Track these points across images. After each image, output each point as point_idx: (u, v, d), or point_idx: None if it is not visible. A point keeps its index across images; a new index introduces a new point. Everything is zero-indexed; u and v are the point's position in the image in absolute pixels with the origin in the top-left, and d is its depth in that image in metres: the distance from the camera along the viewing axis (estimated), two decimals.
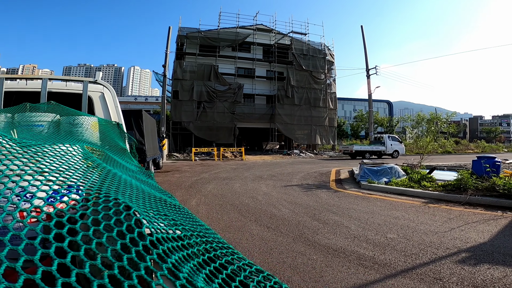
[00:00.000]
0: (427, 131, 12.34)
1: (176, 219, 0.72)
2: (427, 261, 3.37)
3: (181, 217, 0.80)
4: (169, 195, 1.24)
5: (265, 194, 7.68)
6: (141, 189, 0.94)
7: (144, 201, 0.78)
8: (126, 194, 0.75)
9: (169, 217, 0.72)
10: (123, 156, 2.27)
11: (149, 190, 1.00)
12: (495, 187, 6.71)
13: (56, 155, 0.82)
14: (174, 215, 0.77)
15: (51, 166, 0.80)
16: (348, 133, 51.62)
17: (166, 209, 0.81)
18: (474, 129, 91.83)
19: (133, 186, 0.90)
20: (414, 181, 8.38)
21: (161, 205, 0.83)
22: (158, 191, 1.24)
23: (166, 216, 0.72)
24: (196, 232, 0.70)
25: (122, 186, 0.84)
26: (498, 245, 3.86)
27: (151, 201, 0.82)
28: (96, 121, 2.77)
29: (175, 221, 0.71)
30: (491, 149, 42.40)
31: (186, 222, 0.75)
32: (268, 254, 3.64)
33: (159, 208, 0.79)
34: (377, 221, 5.13)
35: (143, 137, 9.61)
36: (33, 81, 3.92)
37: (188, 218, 0.82)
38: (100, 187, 0.74)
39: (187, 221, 0.78)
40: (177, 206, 0.90)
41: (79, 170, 0.86)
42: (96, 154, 1.65)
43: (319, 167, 15.47)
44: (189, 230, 0.68)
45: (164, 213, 0.75)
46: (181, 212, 0.86)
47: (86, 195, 0.67)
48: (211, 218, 5.38)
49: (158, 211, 0.75)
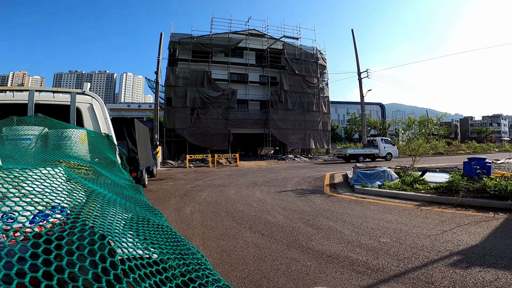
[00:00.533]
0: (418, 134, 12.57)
1: (155, 242, 0.73)
2: (419, 265, 3.40)
3: (162, 237, 0.80)
4: (156, 212, 1.24)
5: (259, 201, 7.67)
6: (125, 208, 0.94)
7: (125, 224, 0.79)
8: (107, 217, 0.76)
9: (148, 240, 0.73)
10: (113, 169, 2.26)
11: (133, 209, 1.00)
12: (486, 188, 6.80)
13: (37, 179, 0.82)
14: (155, 237, 0.78)
15: (34, 191, 0.80)
16: (342, 136, 52.03)
17: (148, 231, 0.81)
18: (465, 129, 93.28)
19: (116, 206, 0.91)
20: (407, 184, 8.46)
21: (143, 227, 0.83)
22: (145, 207, 1.24)
23: (145, 239, 0.73)
24: (174, 254, 0.71)
25: (103, 209, 0.84)
26: (489, 247, 3.91)
27: (132, 223, 0.83)
28: (85, 133, 2.76)
29: (153, 243, 0.71)
30: (482, 150, 43.09)
31: (166, 244, 0.76)
32: (262, 261, 3.64)
33: (139, 230, 0.79)
34: (370, 225, 5.16)
35: (135, 146, 9.56)
36: (21, 93, 3.88)
37: (170, 237, 0.83)
38: (80, 212, 0.75)
39: (168, 241, 0.79)
40: (160, 226, 0.90)
41: (61, 193, 0.87)
42: (84, 170, 1.64)
43: (314, 172, 15.52)
44: (167, 254, 0.69)
45: (144, 235, 0.75)
46: (164, 231, 0.86)
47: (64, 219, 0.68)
48: (205, 226, 5.35)
49: (137, 234, 0.75)
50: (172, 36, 29.64)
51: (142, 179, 10.27)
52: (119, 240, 0.64)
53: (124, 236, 0.69)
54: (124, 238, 0.67)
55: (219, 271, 3.40)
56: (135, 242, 0.69)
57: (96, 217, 0.72)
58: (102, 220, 0.71)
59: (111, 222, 0.74)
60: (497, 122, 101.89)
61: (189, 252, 0.81)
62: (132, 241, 0.68)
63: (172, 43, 29.57)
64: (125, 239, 0.67)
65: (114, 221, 0.76)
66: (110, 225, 0.71)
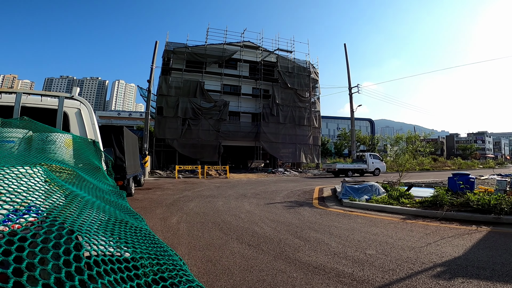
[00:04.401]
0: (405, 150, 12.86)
1: (129, 242, 0.73)
2: (403, 277, 3.42)
3: (139, 239, 0.80)
4: (137, 216, 1.24)
5: (248, 212, 7.61)
6: (103, 211, 0.94)
7: (100, 224, 0.78)
8: (81, 217, 0.75)
9: (122, 240, 0.73)
10: (96, 175, 2.23)
11: (112, 212, 0.99)
12: (469, 202, 6.95)
13: (13, 177, 0.82)
14: (130, 238, 0.78)
15: (8, 188, 0.80)
16: (332, 151, 52.50)
17: (124, 231, 0.81)
18: (450, 146, 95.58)
19: (94, 208, 0.90)
20: (393, 198, 8.57)
21: (119, 228, 0.83)
22: (126, 212, 1.23)
23: (119, 238, 0.73)
24: (148, 254, 0.71)
25: (79, 208, 0.84)
26: (471, 259, 3.97)
27: (108, 224, 0.83)
28: (70, 138, 2.72)
29: (127, 243, 0.71)
30: (467, 166, 44.16)
31: (141, 245, 0.76)
32: (248, 272, 3.59)
33: (115, 230, 0.79)
34: (357, 237, 5.18)
35: (123, 154, 9.43)
36: (8, 95, 3.83)
37: (147, 240, 0.83)
38: (53, 210, 0.75)
39: (144, 242, 0.79)
40: (138, 228, 0.90)
41: (37, 191, 0.86)
42: (65, 173, 1.62)
43: (303, 185, 15.56)
44: (141, 253, 0.69)
45: (119, 235, 0.75)
46: (141, 234, 0.86)
47: (36, 219, 0.68)
48: (191, 236, 5.27)
49: (112, 233, 0.75)
50: (167, 45, 29.63)
51: (129, 188, 10.08)
52: (89, 236, 0.65)
53: (96, 234, 0.69)
54: (95, 236, 0.67)
55: (204, 281, 3.34)
56: (107, 241, 0.69)
57: (68, 216, 0.72)
58: (75, 219, 0.71)
59: (84, 221, 0.73)
60: (481, 139, 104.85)
61: (165, 254, 0.81)
62: (105, 240, 0.68)
63: (167, 52, 29.59)
64: (97, 237, 0.67)
65: (88, 220, 0.76)
66: (83, 223, 0.71)
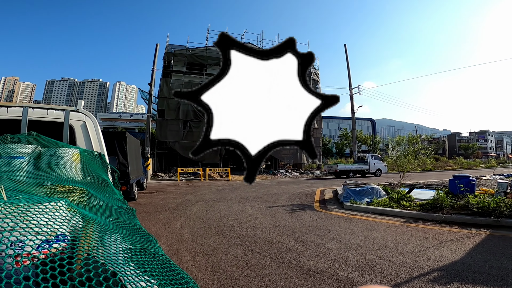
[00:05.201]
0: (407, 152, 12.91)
1: (154, 273, 0.82)
2: (401, 281, 3.51)
3: (159, 267, 0.90)
4: (150, 238, 1.33)
5: (250, 216, 7.71)
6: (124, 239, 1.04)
7: (127, 257, 0.88)
8: (110, 251, 0.85)
9: (148, 272, 0.82)
10: (105, 189, 2.34)
11: (130, 238, 1.09)
12: (469, 205, 7.02)
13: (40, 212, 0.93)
14: (153, 267, 0.87)
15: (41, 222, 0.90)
16: (333, 151, 52.48)
17: (146, 261, 0.91)
18: (452, 145, 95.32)
19: (116, 236, 1.00)
20: (394, 201, 8.65)
21: (142, 257, 0.93)
22: (139, 233, 1.33)
23: (145, 271, 0.82)
24: (171, 285, 0.80)
25: (104, 239, 0.94)
26: (469, 263, 4.06)
27: (133, 255, 0.92)
28: (78, 152, 2.83)
29: (152, 276, 0.81)
30: (469, 166, 44.03)
31: (163, 275, 0.85)
32: (251, 278, 3.70)
33: (139, 262, 0.88)
34: (357, 242, 5.27)
35: (126, 160, 9.55)
36: (14, 109, 3.92)
37: (165, 267, 0.92)
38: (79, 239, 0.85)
39: (163, 271, 0.88)
40: (156, 255, 1.00)
41: (63, 222, 0.96)
42: (78, 193, 1.73)
43: (304, 188, 15.64)
44: (165, 285, 0.79)
45: (144, 267, 0.85)
46: (159, 261, 0.96)
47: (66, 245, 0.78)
48: (195, 241, 5.38)
49: (138, 265, 0.85)
50: (167, 47, 29.66)
51: (132, 193, 10.21)
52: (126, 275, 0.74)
53: (128, 269, 0.78)
54: (128, 272, 0.76)
55: (208, 287, 3.44)
56: (138, 276, 0.78)
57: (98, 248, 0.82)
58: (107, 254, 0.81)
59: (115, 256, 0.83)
60: (483, 138, 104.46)
61: (183, 282, 0.91)
62: (135, 274, 0.78)
63: (167, 54, 29.63)
64: (130, 273, 0.76)
65: (117, 254, 0.85)
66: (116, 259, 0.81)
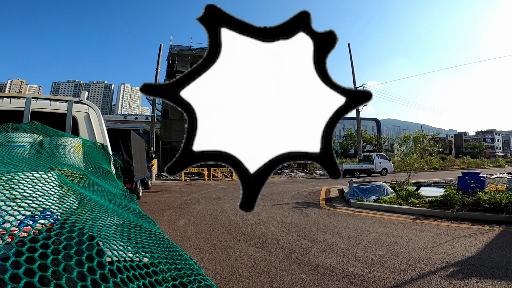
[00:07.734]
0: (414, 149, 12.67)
1: (146, 246, 0.73)
2: (415, 277, 3.37)
3: (154, 243, 0.80)
4: (149, 220, 1.24)
5: (255, 214, 7.60)
6: (117, 215, 0.94)
7: (117, 228, 0.78)
8: (98, 221, 0.76)
9: (139, 244, 0.73)
10: (106, 179, 2.25)
11: (125, 216, 1.00)
12: (481, 202, 6.84)
13: (29, 183, 0.83)
14: (146, 242, 0.77)
15: (24, 193, 0.80)
16: (338, 151, 52.12)
17: (139, 236, 0.81)
18: (459, 145, 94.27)
19: (108, 212, 0.91)
20: (402, 198, 8.47)
21: (135, 232, 0.83)
22: (138, 215, 1.24)
23: (136, 243, 0.73)
24: (166, 259, 0.71)
25: (95, 213, 0.84)
26: (485, 259, 3.90)
27: (124, 228, 0.83)
28: (80, 142, 2.75)
29: (144, 248, 0.71)
30: (477, 165, 43.49)
31: (158, 249, 0.76)
32: (257, 274, 3.59)
33: (131, 235, 0.79)
34: (366, 238, 5.13)
35: (130, 157, 9.51)
36: (18, 100, 3.87)
37: (162, 244, 0.83)
38: (70, 215, 0.75)
39: (160, 247, 0.79)
40: (153, 232, 0.90)
41: (52, 196, 0.87)
42: (77, 178, 1.64)
43: (310, 186, 15.49)
44: (158, 258, 0.69)
45: (135, 240, 0.75)
46: (155, 238, 0.86)
47: (53, 224, 0.68)
48: (199, 238, 5.28)
49: (129, 238, 0.75)
50: (171, 47, 29.80)
51: (137, 191, 10.16)
52: (109, 242, 0.64)
53: (115, 239, 0.69)
54: (114, 241, 0.67)
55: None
56: (125, 246, 0.69)
57: (86, 221, 0.72)
58: (92, 223, 0.71)
59: (101, 226, 0.74)
60: (490, 138, 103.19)
61: (181, 258, 0.81)
62: (123, 245, 0.68)
63: (171, 55, 29.76)
64: (115, 242, 0.67)
65: (105, 225, 0.76)
66: (101, 228, 0.71)
